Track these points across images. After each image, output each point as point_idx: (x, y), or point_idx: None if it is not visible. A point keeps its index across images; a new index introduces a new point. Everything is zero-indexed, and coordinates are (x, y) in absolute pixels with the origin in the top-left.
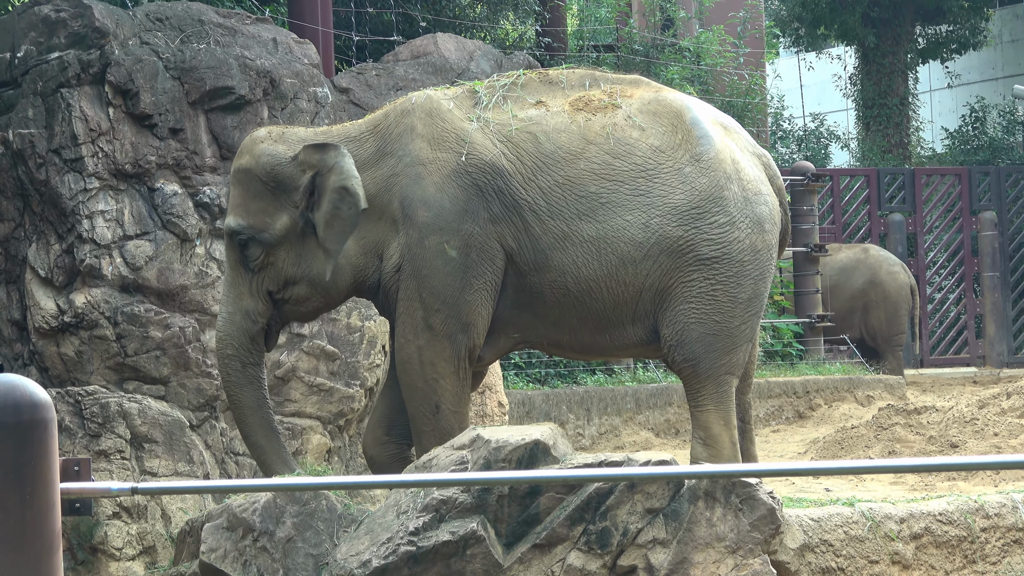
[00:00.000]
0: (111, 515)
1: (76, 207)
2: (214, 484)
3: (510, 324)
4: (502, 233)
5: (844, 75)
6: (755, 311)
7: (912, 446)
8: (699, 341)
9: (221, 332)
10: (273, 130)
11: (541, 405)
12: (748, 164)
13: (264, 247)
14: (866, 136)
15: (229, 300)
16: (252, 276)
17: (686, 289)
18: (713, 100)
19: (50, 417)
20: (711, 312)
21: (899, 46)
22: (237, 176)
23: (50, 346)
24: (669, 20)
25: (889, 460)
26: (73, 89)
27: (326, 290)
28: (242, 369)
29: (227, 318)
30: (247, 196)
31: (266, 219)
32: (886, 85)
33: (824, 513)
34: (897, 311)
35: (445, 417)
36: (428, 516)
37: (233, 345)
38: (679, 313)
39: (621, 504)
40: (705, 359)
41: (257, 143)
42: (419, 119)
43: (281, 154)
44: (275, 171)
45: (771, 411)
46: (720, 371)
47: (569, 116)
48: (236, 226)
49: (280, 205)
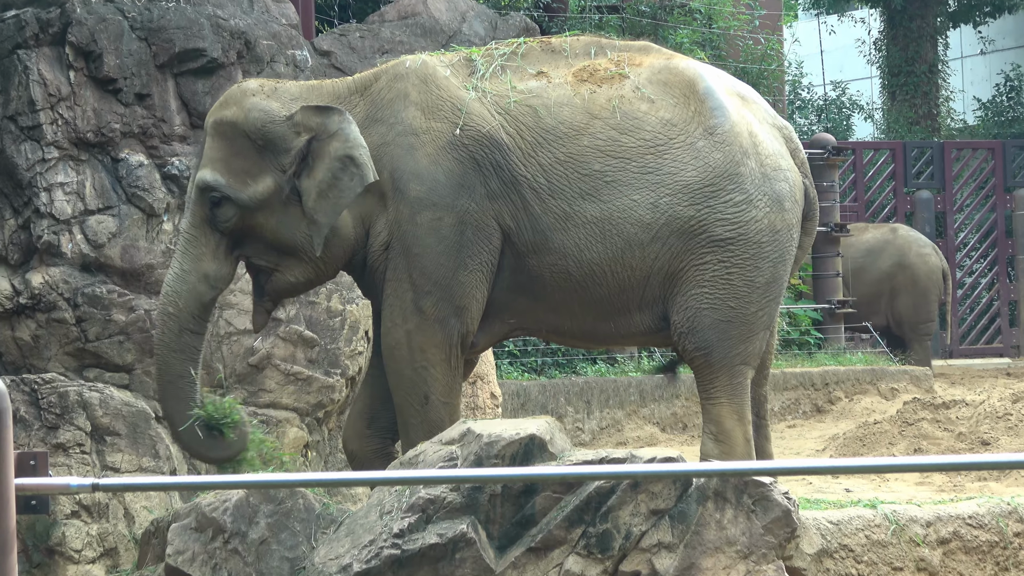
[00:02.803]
0: (70, 514)
1: (33, 179)
2: (181, 481)
3: (506, 309)
4: (499, 211)
5: (868, 40)
6: (773, 296)
7: (940, 443)
8: (712, 328)
9: (168, 288)
10: (265, 83)
11: (537, 397)
12: (767, 137)
13: (239, 209)
14: (891, 106)
15: (187, 259)
16: (219, 238)
17: (698, 272)
18: (726, 66)
19: (3, 407)
20: (726, 297)
21: (928, 9)
22: (219, 128)
23: (4, 329)
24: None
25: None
26: (31, 50)
27: (315, 261)
28: (178, 333)
29: (179, 276)
30: (229, 152)
31: (248, 179)
32: (913, 51)
33: (844, 516)
34: (927, 297)
35: (435, 408)
36: (414, 517)
37: (177, 305)
38: (691, 298)
39: (624, 504)
40: (719, 347)
41: (247, 96)
42: (413, 85)
43: (274, 111)
44: (265, 129)
45: (787, 404)
46: (735, 361)
47: (572, 88)
48: (213, 181)
49: (266, 166)
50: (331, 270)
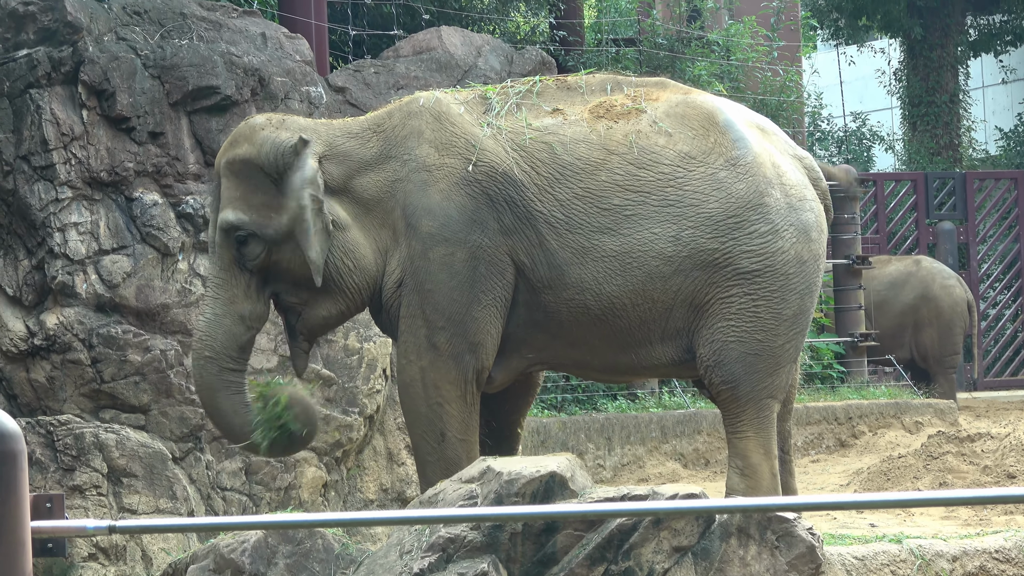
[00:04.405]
0: (87, 556)
1: (47, 219)
2: (199, 522)
3: (524, 344)
4: (513, 246)
5: (888, 70)
6: (800, 328)
7: (965, 477)
8: (739, 361)
9: (203, 333)
10: (272, 117)
11: (557, 434)
12: (790, 168)
13: (266, 244)
14: (912, 137)
15: (219, 302)
16: (250, 277)
17: (724, 305)
18: (744, 98)
19: (19, 449)
20: (752, 330)
21: (948, 38)
22: (233, 167)
23: (19, 371)
24: (696, 11)
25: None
26: (43, 90)
27: (342, 293)
28: (218, 373)
29: (213, 320)
30: (247, 189)
31: (271, 213)
32: (934, 81)
33: (869, 551)
34: (951, 329)
35: (451, 446)
36: (434, 556)
37: (214, 348)
38: (717, 331)
39: (646, 542)
40: (745, 381)
41: (257, 130)
42: (426, 122)
43: (285, 142)
44: (280, 161)
45: (810, 439)
46: (762, 394)
47: (588, 124)
48: (236, 220)
49: (285, 198)
50: (359, 302)
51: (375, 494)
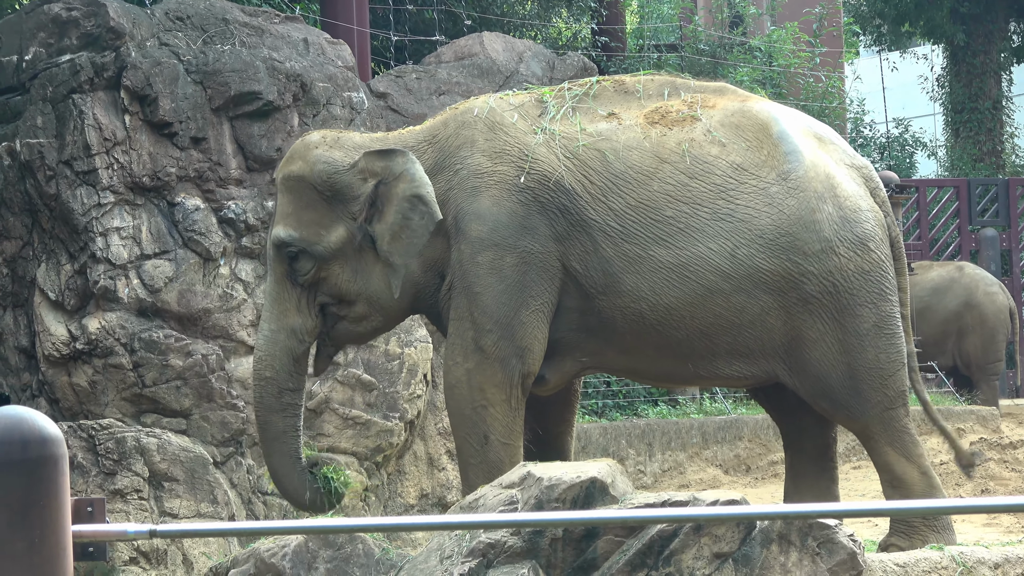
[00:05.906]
0: (128, 560)
1: (89, 224)
2: (240, 526)
3: (577, 348)
4: (566, 252)
5: (931, 76)
6: (888, 334)
7: (1007, 484)
8: (840, 388)
9: (261, 352)
10: (327, 134)
11: (598, 439)
12: (845, 179)
13: (316, 261)
14: (955, 143)
15: (273, 317)
16: (300, 291)
17: (801, 334)
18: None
19: (61, 453)
20: (838, 353)
21: (992, 44)
22: (287, 183)
23: (61, 376)
24: (738, 17)
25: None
26: (86, 95)
27: (385, 308)
28: (278, 395)
29: (269, 337)
30: (299, 205)
31: (320, 231)
32: (977, 87)
33: (911, 558)
34: (994, 336)
35: (494, 449)
36: (474, 561)
37: (273, 367)
38: (805, 362)
39: (687, 548)
40: (856, 404)
41: (311, 148)
42: (480, 132)
43: (338, 161)
44: (332, 179)
45: (852, 445)
46: (877, 409)
47: (642, 131)
48: (287, 237)
49: (336, 216)
50: (397, 317)
51: (415, 499)
